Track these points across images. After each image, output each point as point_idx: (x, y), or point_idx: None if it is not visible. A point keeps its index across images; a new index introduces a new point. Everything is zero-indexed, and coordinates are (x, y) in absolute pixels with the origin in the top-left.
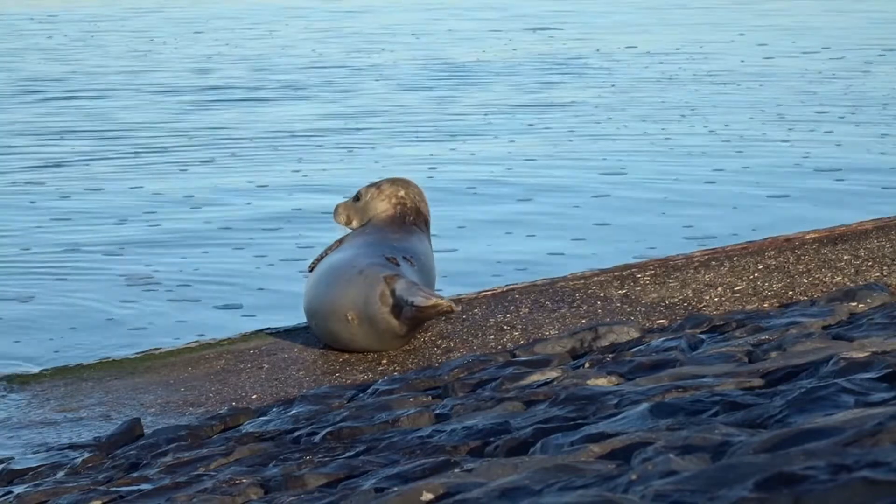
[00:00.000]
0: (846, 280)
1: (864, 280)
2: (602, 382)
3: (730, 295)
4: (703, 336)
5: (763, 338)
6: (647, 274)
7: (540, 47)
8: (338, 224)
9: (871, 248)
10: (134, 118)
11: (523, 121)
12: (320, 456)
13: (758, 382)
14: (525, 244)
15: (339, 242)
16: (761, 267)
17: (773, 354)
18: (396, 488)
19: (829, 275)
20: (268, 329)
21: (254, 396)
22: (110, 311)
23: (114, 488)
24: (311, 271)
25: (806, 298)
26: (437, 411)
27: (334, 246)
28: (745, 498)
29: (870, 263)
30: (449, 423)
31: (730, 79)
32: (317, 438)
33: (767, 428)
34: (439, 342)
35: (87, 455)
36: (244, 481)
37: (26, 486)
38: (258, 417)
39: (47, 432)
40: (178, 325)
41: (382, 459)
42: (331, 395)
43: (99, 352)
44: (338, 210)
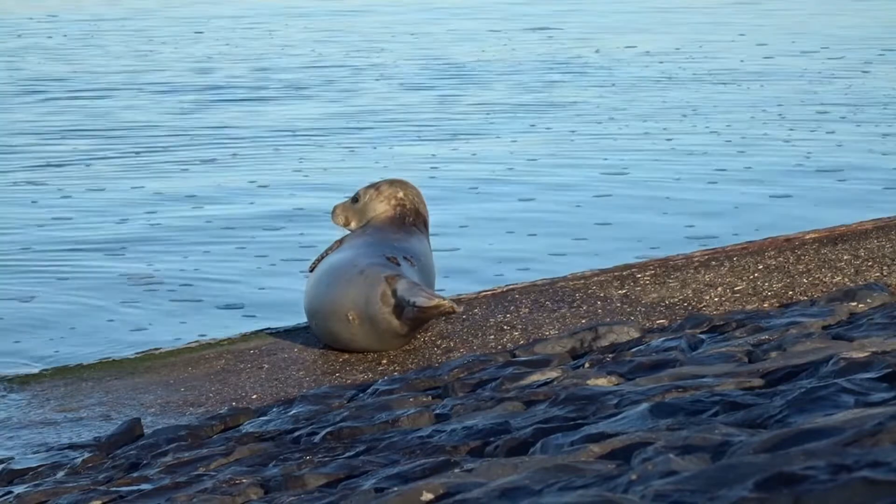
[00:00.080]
0: (846, 280)
1: (864, 280)
2: (602, 382)
3: (730, 295)
4: (703, 336)
5: (763, 338)
6: (647, 274)
7: (540, 47)
8: (336, 225)
9: (871, 248)
10: (135, 118)
11: (525, 121)
12: (320, 456)
13: (758, 382)
14: (527, 244)
15: (340, 243)
16: (761, 267)
17: (773, 354)
18: (396, 488)
19: (829, 275)
20: (268, 329)
21: (254, 396)
22: (111, 311)
23: (114, 488)
24: (312, 271)
25: (806, 298)
26: (437, 411)
27: (334, 246)
28: (745, 498)
29: (870, 263)
30: (449, 423)
31: (730, 78)
32: (317, 438)
33: (767, 428)
34: (439, 342)
35: (87, 455)
36: (244, 481)
37: (26, 486)
38: (258, 417)
39: (47, 432)
40: (179, 325)
41: (382, 459)
42: (331, 395)
43: (99, 352)
44: (336, 211)
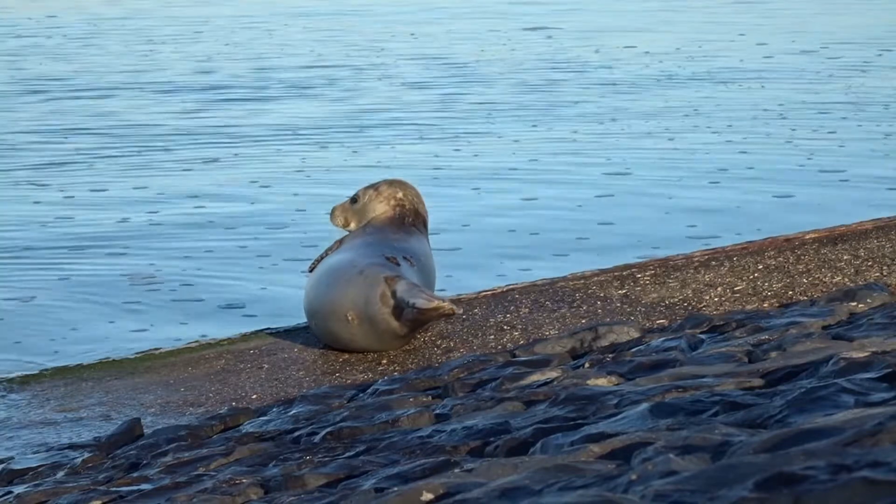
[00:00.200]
0: (846, 280)
1: (864, 280)
2: (602, 382)
3: (730, 295)
4: (703, 336)
5: (763, 338)
6: (647, 274)
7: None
8: (335, 226)
9: (871, 248)
10: (137, 117)
11: (526, 120)
12: (320, 456)
13: (758, 382)
14: (529, 243)
15: (339, 243)
16: (761, 267)
17: (773, 354)
18: (396, 488)
19: (829, 275)
20: (268, 329)
21: (254, 396)
22: (112, 311)
23: (114, 488)
24: (312, 272)
25: (806, 298)
26: (437, 411)
27: (334, 246)
28: (745, 498)
29: (870, 263)
30: (449, 423)
31: (730, 78)
32: (317, 438)
33: (767, 428)
34: (439, 342)
35: (87, 455)
36: (244, 481)
37: (26, 486)
38: (258, 417)
39: (47, 432)
40: (180, 325)
41: (382, 459)
42: (331, 395)
43: (100, 352)
44: (335, 212)
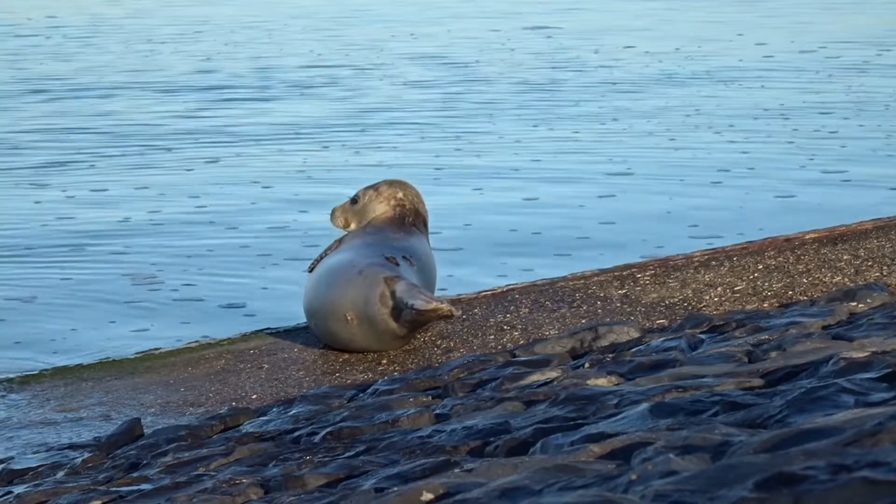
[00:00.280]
0: (846, 280)
1: (864, 280)
2: (602, 382)
3: (730, 295)
4: (703, 336)
5: (763, 338)
6: (647, 274)
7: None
8: (335, 227)
9: (871, 248)
10: (138, 117)
11: (528, 120)
12: (320, 456)
13: (758, 382)
14: (530, 243)
15: (339, 242)
16: (761, 267)
17: (773, 354)
18: (396, 488)
19: (829, 275)
20: (268, 329)
21: (254, 396)
22: (113, 311)
23: (114, 488)
24: (311, 272)
25: (806, 298)
26: (437, 411)
27: (333, 246)
28: (745, 498)
29: (870, 263)
30: (449, 423)
31: (730, 78)
32: (317, 438)
33: (767, 428)
34: (439, 342)
35: (87, 455)
36: (244, 481)
37: (26, 486)
38: (258, 417)
39: (47, 432)
40: (182, 325)
41: (382, 459)
42: (331, 395)
43: (101, 352)
44: (335, 213)
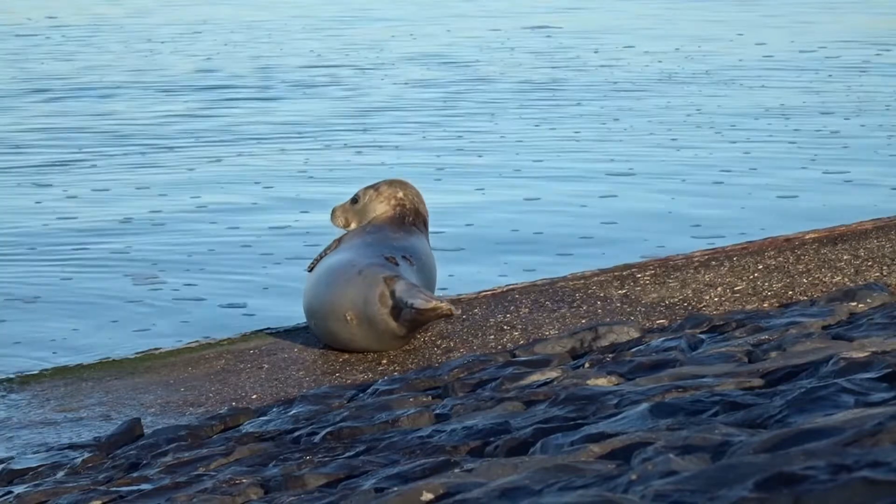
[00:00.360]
0: (846, 280)
1: (864, 280)
2: (602, 382)
3: (730, 295)
4: (703, 336)
5: (763, 338)
6: (647, 274)
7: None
8: (336, 227)
9: (870, 248)
10: (140, 117)
11: (529, 120)
12: (320, 456)
13: (758, 382)
14: (532, 243)
15: (338, 242)
16: (761, 267)
17: (773, 354)
18: (396, 488)
19: (829, 275)
20: (268, 329)
21: (254, 396)
22: (115, 311)
23: (114, 488)
24: (311, 271)
25: (806, 298)
26: (437, 411)
27: (333, 245)
28: (745, 498)
29: (870, 263)
30: (449, 423)
31: (731, 77)
32: (317, 438)
33: (767, 428)
34: (439, 342)
35: (87, 455)
36: (244, 481)
37: (26, 486)
38: (258, 417)
39: (47, 432)
40: (183, 325)
41: (382, 459)
42: (331, 395)
43: (102, 352)
44: (335, 213)
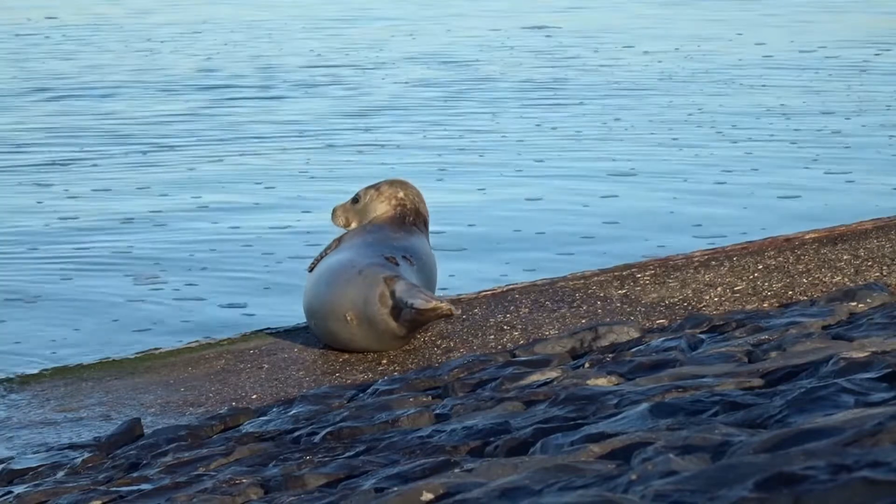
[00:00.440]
0: (846, 280)
1: (864, 280)
2: (602, 382)
3: (730, 295)
4: (703, 336)
5: (763, 338)
6: (647, 274)
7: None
8: (336, 226)
9: (870, 248)
10: (142, 117)
11: (531, 120)
12: (320, 456)
13: (758, 382)
14: (534, 243)
15: (338, 241)
16: (761, 267)
17: (773, 354)
18: (396, 488)
19: (829, 275)
20: (268, 329)
21: (254, 396)
22: (116, 311)
23: (114, 488)
24: (311, 272)
25: (806, 298)
26: (437, 411)
27: (333, 245)
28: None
29: (870, 263)
30: (449, 423)
31: (731, 77)
32: (317, 438)
33: (767, 428)
34: (439, 342)
35: (87, 455)
36: (244, 481)
37: (26, 486)
38: (258, 417)
39: (47, 432)
40: (184, 325)
41: (382, 459)
42: (331, 395)
43: (102, 352)
44: (336, 212)
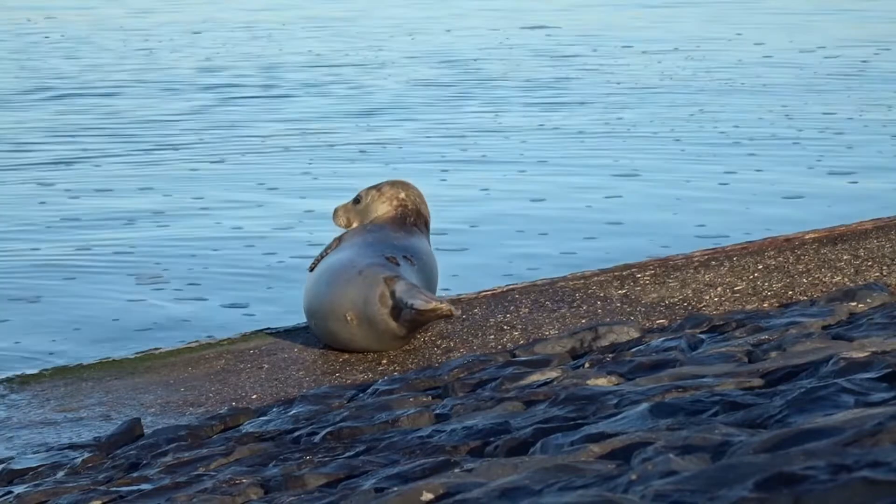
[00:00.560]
0: (846, 280)
1: (864, 280)
2: (602, 382)
3: (730, 295)
4: (703, 336)
5: (763, 338)
6: (647, 274)
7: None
8: (338, 227)
9: (870, 248)
10: (144, 117)
11: (533, 120)
12: (320, 456)
13: (758, 382)
14: (537, 243)
15: (338, 241)
16: (761, 267)
17: (773, 354)
18: (396, 488)
19: (829, 275)
20: (268, 329)
21: (254, 396)
22: (117, 311)
23: (114, 488)
24: (312, 271)
25: (806, 298)
26: (437, 411)
27: (333, 245)
28: (745, 498)
29: (870, 263)
30: (449, 423)
31: (732, 77)
32: (317, 438)
33: (767, 428)
34: (439, 342)
35: (87, 455)
36: (244, 481)
37: (26, 486)
38: (258, 417)
39: (47, 432)
40: (185, 325)
41: (382, 459)
42: (331, 395)
43: (102, 352)
44: (337, 213)
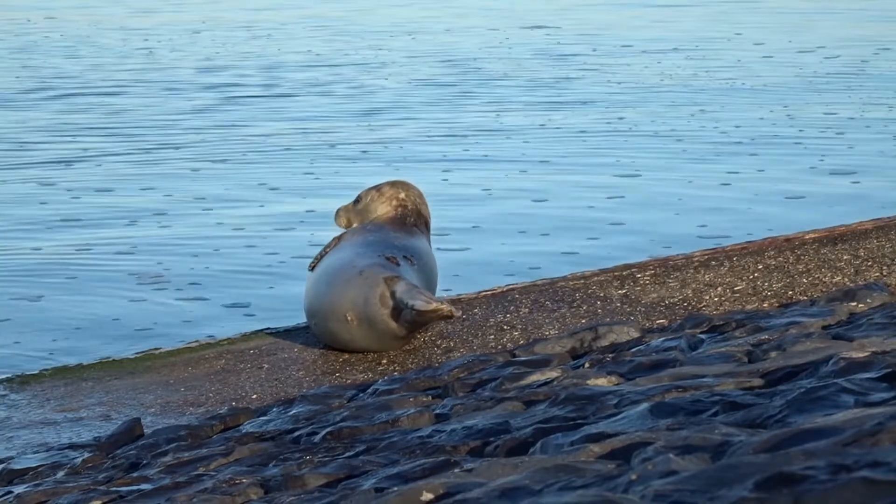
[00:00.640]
0: (846, 280)
1: (864, 280)
2: (602, 382)
3: (730, 295)
4: (702, 336)
5: (763, 338)
6: (647, 274)
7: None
8: (339, 227)
9: (870, 248)
10: (145, 117)
11: (534, 121)
12: (320, 456)
13: (758, 382)
14: (539, 244)
15: (338, 240)
16: (761, 267)
17: (773, 354)
18: (396, 488)
19: (829, 275)
20: (268, 329)
21: (254, 396)
22: (118, 311)
23: (114, 488)
24: (312, 270)
25: (806, 298)
26: (437, 411)
27: (332, 244)
28: (745, 498)
29: (870, 263)
30: (449, 423)
31: (733, 77)
32: (317, 438)
33: (767, 428)
34: (439, 342)
35: (87, 455)
36: (244, 481)
37: (26, 486)
38: (258, 417)
39: (47, 432)
40: (186, 325)
41: (382, 459)
42: (331, 395)
43: (102, 352)
44: (338, 213)
